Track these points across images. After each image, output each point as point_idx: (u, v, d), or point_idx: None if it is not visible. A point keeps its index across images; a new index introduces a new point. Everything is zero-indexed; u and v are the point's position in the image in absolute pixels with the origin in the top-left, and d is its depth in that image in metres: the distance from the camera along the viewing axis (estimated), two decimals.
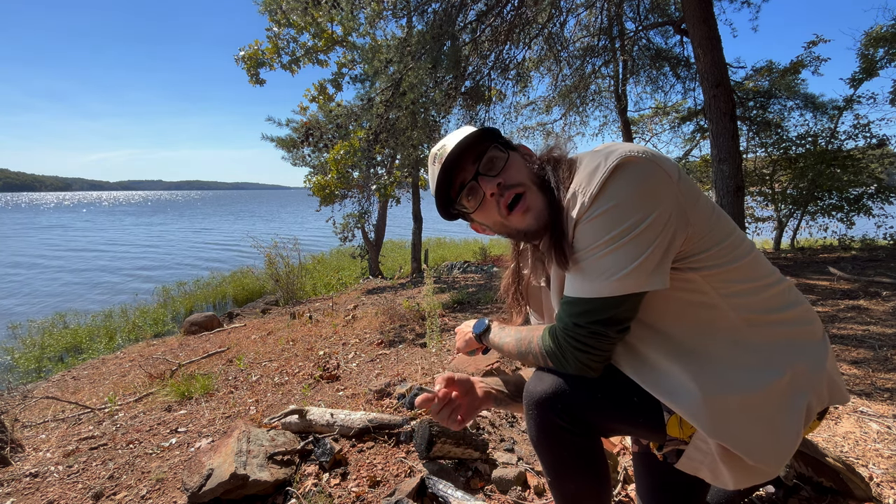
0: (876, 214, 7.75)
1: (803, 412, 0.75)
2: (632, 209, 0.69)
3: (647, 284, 0.71)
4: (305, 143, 5.84)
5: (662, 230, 0.70)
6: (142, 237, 26.02)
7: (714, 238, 0.75)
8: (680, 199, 0.72)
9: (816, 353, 0.79)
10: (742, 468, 0.74)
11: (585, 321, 0.75)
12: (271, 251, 7.90)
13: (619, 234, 0.70)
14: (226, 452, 1.50)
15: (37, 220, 42.64)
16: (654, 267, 0.70)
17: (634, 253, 0.69)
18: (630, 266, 0.70)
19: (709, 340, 0.77)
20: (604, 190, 0.71)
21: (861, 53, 7.71)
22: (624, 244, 0.70)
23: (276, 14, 5.09)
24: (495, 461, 1.49)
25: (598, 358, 0.77)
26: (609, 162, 0.71)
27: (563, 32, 6.92)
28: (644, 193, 0.70)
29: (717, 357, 0.75)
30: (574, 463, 0.83)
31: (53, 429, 2.81)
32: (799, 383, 0.76)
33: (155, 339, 6.41)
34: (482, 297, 4.74)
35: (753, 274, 0.78)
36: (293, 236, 8.74)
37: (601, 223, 0.71)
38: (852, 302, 3.49)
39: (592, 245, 0.72)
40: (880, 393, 1.94)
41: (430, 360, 2.68)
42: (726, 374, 0.74)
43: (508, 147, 0.88)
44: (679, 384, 0.74)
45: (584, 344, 0.76)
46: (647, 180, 0.70)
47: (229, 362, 3.86)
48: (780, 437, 0.74)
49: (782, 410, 0.74)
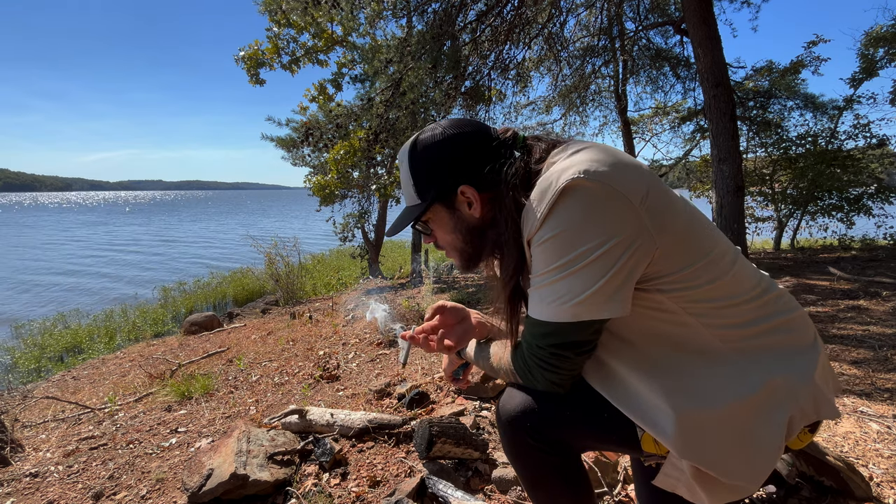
0: (876, 214, 7.75)
1: (783, 427, 0.71)
2: (583, 236, 0.66)
3: (603, 312, 0.68)
4: (305, 143, 5.83)
5: (620, 257, 0.66)
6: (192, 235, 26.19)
7: (687, 259, 0.70)
8: (643, 223, 0.66)
9: (802, 365, 0.75)
10: (718, 486, 0.72)
11: (545, 343, 0.73)
12: (271, 251, 7.90)
13: (570, 261, 0.67)
14: (226, 452, 1.50)
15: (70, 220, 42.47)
16: (611, 294, 0.67)
17: (588, 280, 0.66)
18: (584, 293, 0.66)
19: (681, 355, 0.74)
20: (552, 214, 0.67)
21: (861, 53, 7.72)
22: (576, 271, 0.66)
23: (276, 14, 5.09)
24: (495, 461, 1.49)
25: (564, 376, 0.75)
26: (560, 182, 0.67)
27: (563, 32, 6.92)
28: (596, 220, 0.66)
29: (688, 372, 0.73)
30: (548, 480, 0.83)
31: (53, 429, 2.81)
32: (777, 398, 0.72)
33: (155, 339, 6.41)
34: (482, 297, 4.74)
35: (732, 291, 0.73)
36: (293, 236, 8.75)
37: (551, 248, 0.68)
38: (852, 302, 3.49)
39: (545, 270, 0.70)
40: (880, 393, 1.94)
41: (430, 360, 2.68)
42: (698, 389, 0.71)
43: (441, 200, 0.82)
44: (648, 401, 0.72)
45: (549, 364, 0.74)
46: (597, 206, 0.66)
47: (229, 362, 3.86)
48: (756, 454, 0.71)
49: (759, 426, 0.71)
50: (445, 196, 0.81)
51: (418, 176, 0.82)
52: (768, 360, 0.73)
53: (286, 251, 8.08)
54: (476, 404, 1.89)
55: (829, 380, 0.79)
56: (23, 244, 22.68)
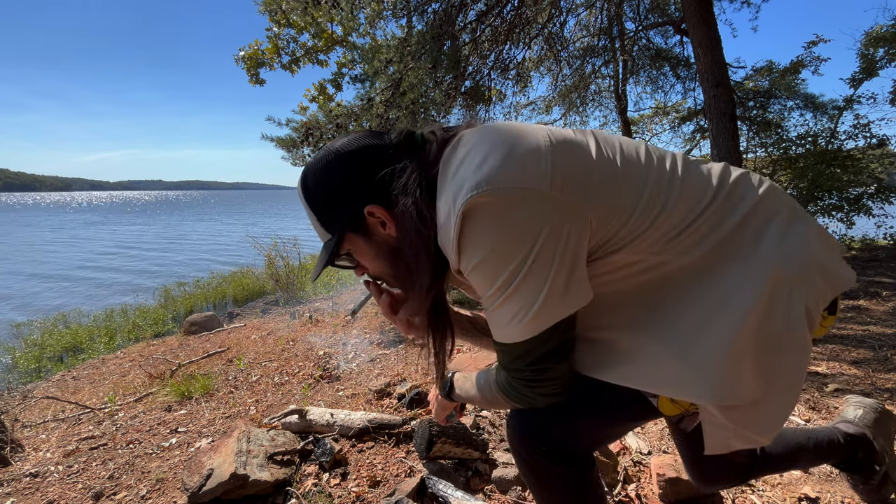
0: (876, 214, 7.74)
1: (803, 320, 0.65)
2: (507, 252, 0.60)
3: (562, 312, 0.63)
4: (305, 143, 5.83)
5: (556, 251, 0.60)
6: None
7: (626, 209, 0.64)
8: (562, 205, 0.61)
9: (794, 244, 0.67)
10: (764, 414, 0.66)
11: (522, 365, 0.68)
12: (271, 251, 7.91)
13: (507, 280, 0.61)
14: (226, 452, 1.50)
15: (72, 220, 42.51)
16: (563, 290, 0.62)
17: (535, 289, 0.61)
18: (536, 303, 0.61)
19: (668, 296, 0.68)
20: (464, 244, 0.63)
21: (861, 53, 7.71)
22: (518, 285, 0.61)
23: (276, 14, 5.09)
24: (495, 461, 1.49)
25: (557, 385, 0.70)
26: (457, 209, 0.61)
27: (563, 32, 6.92)
28: (512, 230, 0.60)
29: (683, 310, 0.66)
30: (566, 496, 0.79)
31: (53, 429, 2.81)
32: (784, 290, 0.65)
33: (155, 339, 6.41)
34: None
35: (687, 208, 0.66)
36: (293, 236, 8.75)
37: (483, 274, 0.63)
38: (852, 302, 3.49)
39: (487, 294, 0.65)
40: (880, 393, 1.94)
41: (430, 361, 2.68)
42: (701, 323, 0.64)
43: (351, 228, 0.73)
44: (656, 363, 0.65)
45: (536, 381, 0.69)
46: (506, 216, 0.60)
47: (229, 362, 3.86)
48: (785, 360, 0.65)
49: (779, 330, 0.64)
50: (354, 222, 0.72)
51: (318, 209, 0.73)
52: (757, 255, 0.66)
53: (286, 251, 8.08)
54: None
55: (830, 248, 0.72)
56: (29, 243, 22.71)
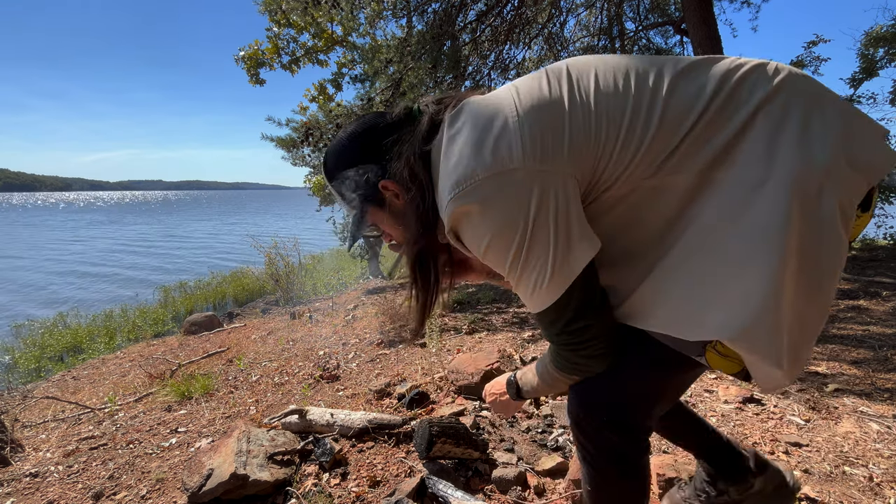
0: (876, 214, 7.75)
1: (836, 220, 0.59)
2: (505, 231, 0.63)
3: (577, 266, 0.64)
4: (305, 143, 5.83)
5: (550, 213, 0.62)
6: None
7: (605, 151, 0.64)
8: (544, 172, 0.62)
9: (812, 141, 0.60)
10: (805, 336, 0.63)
11: (562, 328, 0.69)
12: (271, 251, 7.91)
13: (515, 255, 0.65)
14: (226, 452, 1.50)
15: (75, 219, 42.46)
16: (570, 246, 0.63)
17: (543, 254, 0.63)
18: (548, 268, 0.63)
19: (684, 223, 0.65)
20: (463, 237, 0.68)
21: (861, 53, 7.71)
22: (528, 257, 0.64)
23: (276, 14, 5.09)
24: (495, 461, 1.49)
25: (603, 343, 0.70)
26: (447, 210, 0.66)
27: (563, 32, 6.92)
28: (503, 211, 0.62)
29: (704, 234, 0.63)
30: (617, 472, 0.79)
31: (53, 429, 2.81)
32: (808, 188, 0.58)
33: (155, 339, 6.41)
34: (482, 297, 4.74)
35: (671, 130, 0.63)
36: (293, 236, 8.75)
37: (493, 256, 0.67)
38: (852, 302, 3.49)
39: (505, 271, 0.68)
40: (880, 393, 1.94)
41: (430, 360, 2.68)
42: (732, 251, 0.61)
43: (370, 202, 0.79)
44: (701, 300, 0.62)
45: (582, 342, 0.70)
46: (493, 203, 0.62)
47: (229, 362, 3.86)
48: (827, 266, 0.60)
49: (813, 237, 0.59)
50: (372, 198, 0.79)
51: (341, 188, 0.80)
52: (775, 163, 0.60)
53: (286, 251, 8.09)
54: (476, 404, 1.89)
55: (862, 132, 0.62)
56: (34, 243, 22.74)
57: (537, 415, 1.80)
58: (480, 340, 3.04)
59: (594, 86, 0.66)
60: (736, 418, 1.76)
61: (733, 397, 1.91)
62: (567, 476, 1.37)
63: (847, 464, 1.44)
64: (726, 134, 0.62)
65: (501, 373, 2.01)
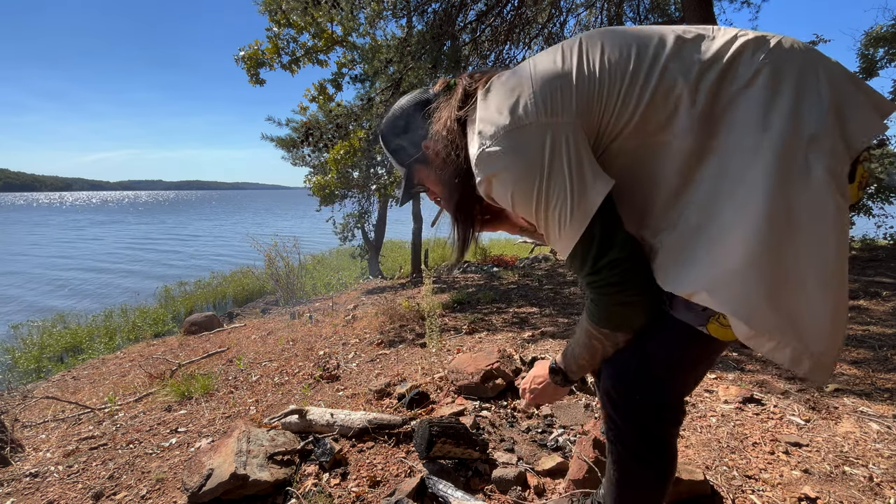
0: (876, 214, 7.74)
1: (828, 185, 0.61)
2: (526, 181, 0.71)
3: (595, 199, 0.69)
4: (305, 143, 5.82)
5: (564, 158, 0.69)
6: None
7: (608, 107, 0.70)
8: (556, 122, 0.70)
9: (802, 108, 0.63)
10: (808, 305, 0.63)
11: (592, 267, 0.72)
12: (271, 251, 7.91)
13: (537, 202, 0.71)
14: (226, 452, 1.50)
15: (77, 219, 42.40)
16: (585, 183, 0.69)
17: (562, 195, 0.69)
18: (569, 205, 0.69)
19: (685, 183, 0.70)
20: (494, 191, 0.75)
21: (861, 53, 7.71)
22: (547, 201, 0.71)
23: (276, 14, 5.08)
24: (495, 461, 1.49)
25: (636, 281, 0.72)
26: (478, 166, 0.75)
27: (563, 32, 6.92)
28: (523, 162, 0.71)
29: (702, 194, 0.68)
30: (644, 449, 0.84)
31: (53, 429, 2.81)
32: (796, 154, 0.62)
33: (155, 339, 6.41)
34: (482, 297, 4.74)
35: (664, 94, 0.68)
36: (293, 236, 8.76)
37: (520, 203, 0.74)
38: (852, 302, 3.49)
39: (532, 218, 0.75)
40: (880, 393, 1.94)
41: (430, 360, 2.68)
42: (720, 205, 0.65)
43: (416, 160, 0.90)
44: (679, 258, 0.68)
45: (615, 282, 0.71)
46: (513, 157, 0.71)
47: (229, 362, 3.86)
48: (813, 231, 0.61)
49: (802, 205, 0.61)
50: (417, 156, 0.89)
51: (392, 148, 0.93)
52: (768, 125, 0.63)
53: (286, 251, 8.09)
54: (476, 404, 1.89)
55: (850, 97, 0.65)
56: (40, 243, 22.76)
57: (537, 415, 1.80)
58: (480, 340, 3.04)
59: (600, 54, 0.73)
60: (736, 418, 1.76)
61: (733, 397, 1.90)
62: (567, 476, 1.37)
63: (847, 464, 1.44)
64: (725, 99, 0.67)
65: (501, 373, 2.01)
